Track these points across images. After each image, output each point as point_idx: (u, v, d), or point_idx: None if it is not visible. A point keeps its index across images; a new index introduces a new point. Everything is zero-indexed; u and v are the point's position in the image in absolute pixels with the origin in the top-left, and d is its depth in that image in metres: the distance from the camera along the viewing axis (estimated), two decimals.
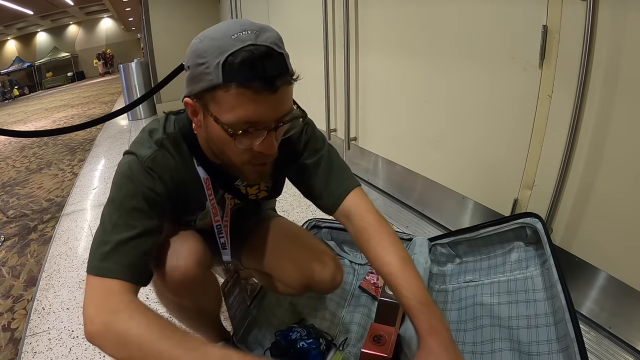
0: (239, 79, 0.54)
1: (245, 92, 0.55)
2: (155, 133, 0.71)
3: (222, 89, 0.55)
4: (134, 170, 0.66)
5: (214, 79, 0.55)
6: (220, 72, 0.54)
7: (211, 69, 0.55)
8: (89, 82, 14.51)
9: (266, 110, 0.58)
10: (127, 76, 4.53)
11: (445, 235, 1.23)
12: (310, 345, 0.92)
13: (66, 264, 1.67)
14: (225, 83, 0.55)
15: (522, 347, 0.87)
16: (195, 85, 0.58)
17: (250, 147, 0.61)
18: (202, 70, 0.56)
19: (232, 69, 0.54)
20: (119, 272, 0.59)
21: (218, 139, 0.62)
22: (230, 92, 0.55)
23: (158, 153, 0.68)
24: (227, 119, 0.58)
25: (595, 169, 0.99)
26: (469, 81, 1.35)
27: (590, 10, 0.90)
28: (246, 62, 0.53)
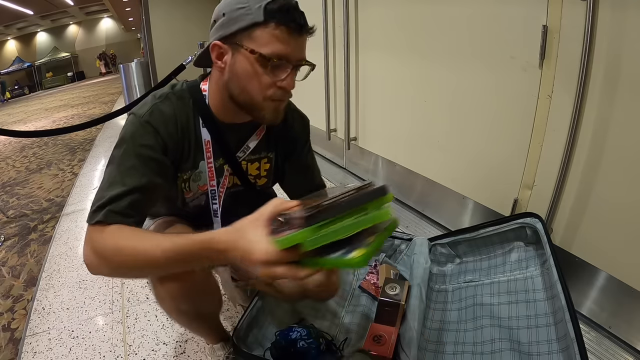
0: (278, 18, 0.66)
1: (282, 29, 0.66)
2: (158, 93, 0.77)
3: (261, 26, 0.66)
4: (130, 129, 0.72)
5: (255, 17, 0.65)
6: (262, 12, 0.65)
7: (252, 10, 0.65)
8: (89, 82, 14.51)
9: (294, 48, 0.69)
10: (127, 76, 4.53)
11: (445, 235, 1.23)
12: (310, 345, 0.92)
13: (66, 264, 1.67)
14: (266, 21, 0.66)
15: (522, 347, 0.87)
16: (231, 27, 0.68)
17: (274, 82, 0.70)
18: (242, 12, 0.66)
19: (272, 10, 0.65)
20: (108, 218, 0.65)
21: (245, 74, 0.70)
22: (268, 29, 0.66)
23: (158, 105, 0.74)
24: (262, 51, 0.67)
25: (595, 169, 0.99)
26: (469, 81, 1.35)
27: (590, 10, 0.90)
28: (284, 7, 0.66)
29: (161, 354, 1.12)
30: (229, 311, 1.27)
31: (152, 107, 0.73)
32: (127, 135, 0.71)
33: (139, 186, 0.68)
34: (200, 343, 1.14)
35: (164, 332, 1.21)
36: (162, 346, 1.15)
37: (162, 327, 1.23)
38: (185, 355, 1.11)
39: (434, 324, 1.04)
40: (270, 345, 0.96)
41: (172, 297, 0.76)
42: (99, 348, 1.17)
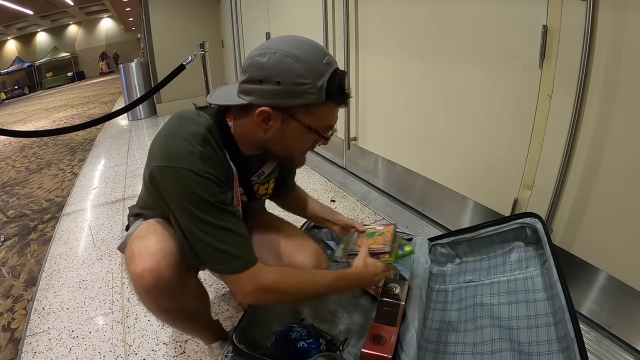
0: (336, 98, 0.72)
1: (337, 106, 0.74)
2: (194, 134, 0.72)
3: (321, 104, 0.71)
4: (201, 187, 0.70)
5: (318, 98, 0.69)
6: (324, 92, 0.69)
7: (314, 89, 0.68)
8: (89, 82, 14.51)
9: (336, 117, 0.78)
10: (127, 76, 4.53)
11: (445, 235, 1.23)
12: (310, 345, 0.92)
13: (66, 264, 1.67)
14: (327, 101, 0.70)
15: (522, 347, 0.87)
16: (291, 100, 0.69)
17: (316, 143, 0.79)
18: (304, 90, 0.68)
19: (332, 90, 0.70)
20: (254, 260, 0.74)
21: (293, 140, 0.76)
22: (328, 107, 0.72)
23: (204, 153, 0.71)
24: (317, 125, 0.74)
25: (595, 169, 0.99)
26: (469, 81, 1.35)
27: (590, 10, 0.90)
28: (342, 87, 0.72)
29: (161, 354, 1.12)
30: (229, 311, 1.27)
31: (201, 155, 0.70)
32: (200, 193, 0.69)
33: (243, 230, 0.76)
34: (200, 343, 1.14)
35: (164, 332, 1.21)
36: (162, 346, 1.15)
37: (162, 327, 1.23)
38: (185, 355, 1.11)
39: (434, 324, 1.04)
40: (270, 345, 0.96)
41: (149, 295, 0.76)
42: (99, 348, 1.17)
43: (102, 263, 1.64)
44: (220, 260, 0.72)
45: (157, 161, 0.71)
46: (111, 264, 1.63)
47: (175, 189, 0.70)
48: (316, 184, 2.21)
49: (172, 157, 0.70)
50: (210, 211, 0.70)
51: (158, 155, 0.72)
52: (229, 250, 0.72)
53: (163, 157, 0.71)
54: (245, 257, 0.73)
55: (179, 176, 0.69)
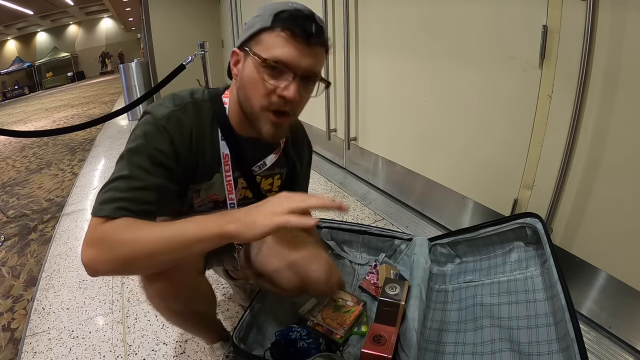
0: (284, 24, 0.66)
1: (284, 34, 0.66)
2: (178, 97, 0.76)
3: (267, 31, 0.67)
4: (146, 129, 0.71)
5: (265, 22, 0.67)
6: (271, 19, 0.66)
7: (264, 17, 0.67)
8: (89, 82, 14.51)
9: (297, 55, 0.67)
10: (127, 76, 4.53)
11: (445, 235, 1.23)
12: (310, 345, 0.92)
13: (66, 264, 1.67)
14: (272, 26, 0.66)
15: (522, 347, 0.87)
16: (246, 33, 0.70)
17: (275, 88, 0.68)
18: (256, 20, 0.68)
19: (281, 18, 0.66)
20: (115, 213, 0.63)
21: (249, 79, 0.70)
22: (272, 34, 0.67)
23: (176, 113, 0.73)
24: (266, 55, 0.67)
25: (595, 169, 0.99)
26: (469, 81, 1.35)
27: (590, 10, 0.90)
28: (293, 15, 0.66)
29: (161, 354, 1.12)
30: (229, 311, 1.27)
31: (171, 113, 0.72)
32: (141, 135, 0.70)
33: (148, 185, 0.68)
34: (200, 343, 1.14)
35: (164, 332, 1.21)
36: (162, 346, 1.15)
37: (162, 327, 1.23)
38: (185, 355, 1.11)
39: (434, 324, 1.04)
40: (270, 345, 0.96)
41: (161, 296, 0.76)
42: (99, 348, 1.17)
43: None
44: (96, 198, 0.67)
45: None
46: None
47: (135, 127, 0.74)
48: (316, 184, 2.21)
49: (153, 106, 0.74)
50: (134, 149, 0.69)
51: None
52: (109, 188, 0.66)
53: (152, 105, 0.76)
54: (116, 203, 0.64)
55: (141, 118, 0.74)
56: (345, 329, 1.01)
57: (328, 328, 1.01)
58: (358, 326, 1.05)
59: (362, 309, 1.07)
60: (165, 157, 0.70)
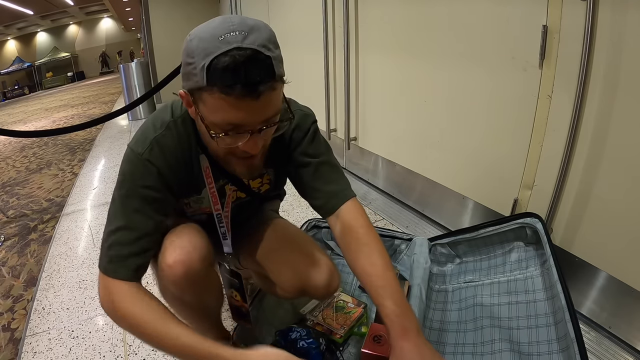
0: (221, 84, 0.55)
1: (227, 97, 0.56)
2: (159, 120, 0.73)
3: (206, 91, 0.57)
4: (130, 168, 0.70)
5: (200, 81, 0.56)
6: (205, 75, 0.55)
7: (197, 70, 0.56)
8: (89, 82, 14.51)
9: (248, 115, 0.59)
10: (127, 76, 4.53)
11: (445, 235, 1.23)
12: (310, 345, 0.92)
13: (66, 264, 1.67)
14: (209, 86, 0.56)
15: (522, 347, 0.87)
16: (186, 83, 0.61)
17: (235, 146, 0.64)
18: (190, 70, 0.58)
19: (215, 73, 0.55)
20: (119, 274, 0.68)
21: (204, 133, 0.66)
22: (213, 96, 0.56)
23: (158, 139, 0.70)
24: (212, 119, 0.60)
25: (595, 169, 0.99)
26: (469, 81, 1.34)
27: (590, 10, 0.90)
28: (229, 68, 0.54)
29: (161, 354, 1.12)
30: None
31: (152, 142, 0.70)
32: (128, 175, 0.70)
33: (148, 230, 0.70)
34: None
35: None
36: None
37: None
38: None
39: (434, 324, 1.04)
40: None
41: (177, 285, 0.76)
42: (99, 348, 1.17)
43: None
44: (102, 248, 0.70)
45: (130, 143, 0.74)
46: None
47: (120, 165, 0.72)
48: None
49: (135, 140, 0.72)
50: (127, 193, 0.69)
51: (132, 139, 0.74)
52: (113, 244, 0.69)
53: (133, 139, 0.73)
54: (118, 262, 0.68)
55: (126, 155, 0.72)
56: (346, 329, 1.01)
57: (328, 328, 1.01)
58: (358, 326, 1.05)
59: (363, 310, 1.07)
60: (155, 191, 0.70)
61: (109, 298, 0.69)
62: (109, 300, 0.69)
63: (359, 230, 0.77)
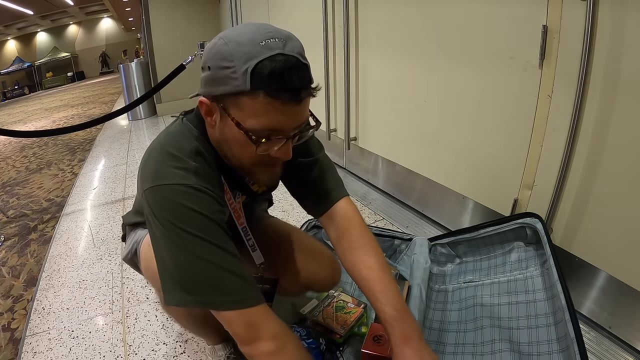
0: (267, 88, 0.54)
1: (273, 102, 0.55)
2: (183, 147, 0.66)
3: (248, 95, 0.55)
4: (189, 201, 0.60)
5: (241, 85, 0.55)
6: (249, 79, 0.54)
7: (238, 74, 0.54)
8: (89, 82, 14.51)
9: (289, 120, 0.59)
10: (127, 76, 4.53)
11: (445, 235, 1.23)
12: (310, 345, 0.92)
13: (66, 264, 1.67)
14: (253, 91, 0.55)
15: (522, 347, 0.87)
16: (216, 88, 0.58)
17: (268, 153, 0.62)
18: (227, 74, 0.56)
19: (261, 78, 0.54)
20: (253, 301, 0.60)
21: (235, 141, 0.62)
22: (257, 100, 0.55)
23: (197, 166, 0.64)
24: (250, 124, 0.58)
25: (595, 169, 0.99)
26: (469, 81, 1.35)
27: (590, 10, 0.90)
28: (275, 73, 0.54)
29: (161, 354, 1.12)
30: None
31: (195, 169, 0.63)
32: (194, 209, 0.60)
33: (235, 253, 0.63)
34: (200, 343, 1.14)
35: (164, 332, 1.21)
36: (162, 346, 1.15)
37: (162, 327, 1.23)
38: (185, 355, 1.11)
39: (434, 324, 1.04)
40: None
41: None
42: (99, 348, 1.17)
43: (102, 263, 1.64)
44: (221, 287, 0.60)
45: (148, 183, 0.62)
46: (111, 264, 1.63)
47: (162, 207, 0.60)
48: None
49: (163, 177, 0.62)
50: (206, 228, 0.60)
51: (149, 178, 0.63)
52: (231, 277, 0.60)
53: (154, 178, 0.62)
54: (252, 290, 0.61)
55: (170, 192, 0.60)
56: (346, 329, 1.01)
57: (328, 328, 1.01)
58: (358, 326, 1.05)
59: (363, 310, 1.07)
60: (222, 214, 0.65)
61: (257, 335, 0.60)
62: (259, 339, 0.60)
63: (352, 232, 0.76)
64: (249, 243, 0.86)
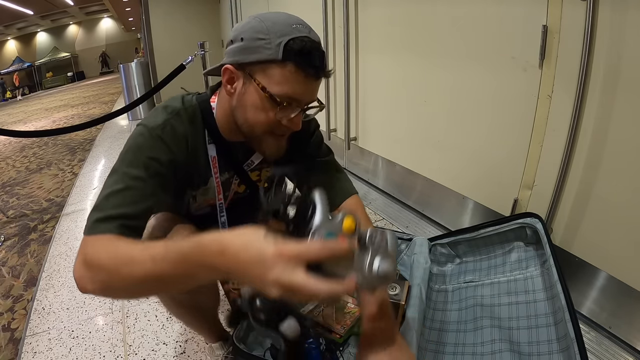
0: (297, 60, 0.64)
1: (299, 72, 0.65)
2: (170, 107, 0.74)
3: (277, 64, 0.64)
4: (140, 140, 0.69)
5: (273, 54, 0.63)
6: (281, 50, 0.63)
7: (272, 45, 0.63)
8: (89, 82, 14.51)
9: (306, 92, 0.69)
10: (127, 76, 4.53)
11: (445, 235, 1.23)
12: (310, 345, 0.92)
13: (66, 264, 1.67)
14: (283, 61, 0.64)
15: (522, 347, 0.87)
16: (247, 56, 0.66)
17: (280, 120, 0.69)
18: (262, 45, 0.64)
19: (292, 50, 0.63)
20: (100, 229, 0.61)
21: (253, 105, 0.69)
22: (285, 69, 0.64)
23: (171, 121, 0.71)
24: (274, 90, 0.66)
25: (595, 169, 0.99)
26: (469, 81, 1.34)
27: (590, 10, 0.90)
28: (305, 50, 0.64)
29: (161, 354, 1.12)
30: (229, 311, 1.27)
31: (165, 122, 0.71)
32: (135, 146, 0.69)
33: (144, 199, 0.65)
34: (200, 343, 1.14)
35: (164, 332, 1.21)
36: (162, 346, 1.15)
37: (162, 327, 1.23)
38: (185, 355, 1.11)
39: (434, 324, 1.04)
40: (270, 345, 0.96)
41: None
42: (99, 348, 1.17)
43: None
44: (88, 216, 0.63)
45: None
46: None
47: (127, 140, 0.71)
48: None
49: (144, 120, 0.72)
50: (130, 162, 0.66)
51: None
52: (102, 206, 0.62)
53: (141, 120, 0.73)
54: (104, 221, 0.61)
55: (135, 131, 0.71)
56: (346, 329, 1.01)
57: (328, 328, 1.01)
58: (358, 326, 1.05)
59: None
60: (161, 166, 0.68)
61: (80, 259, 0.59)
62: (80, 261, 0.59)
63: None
64: (221, 220, 0.87)
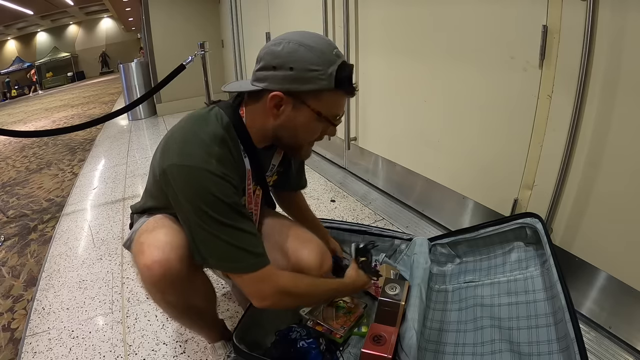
0: (344, 87, 0.76)
1: (345, 96, 0.79)
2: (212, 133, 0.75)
3: (330, 91, 0.75)
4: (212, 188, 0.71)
5: (327, 84, 0.73)
6: (334, 80, 0.73)
7: (325, 76, 0.72)
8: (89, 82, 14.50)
9: (344, 108, 0.83)
10: (127, 76, 4.53)
11: (445, 235, 1.23)
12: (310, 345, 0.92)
13: (66, 264, 1.67)
14: (336, 88, 0.74)
15: (522, 347, 0.87)
16: (301, 86, 0.73)
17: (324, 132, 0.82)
18: (315, 76, 0.72)
19: (341, 79, 0.74)
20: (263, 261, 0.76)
21: (303, 126, 0.78)
22: (337, 95, 0.76)
23: (221, 152, 0.74)
24: (328, 113, 0.78)
25: (595, 169, 0.99)
26: (469, 81, 1.35)
27: (590, 10, 0.90)
28: (348, 76, 0.75)
29: (161, 354, 1.12)
30: (229, 311, 1.27)
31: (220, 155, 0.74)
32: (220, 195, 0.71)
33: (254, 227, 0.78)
34: (200, 343, 1.14)
35: (164, 332, 1.21)
36: (162, 346, 1.15)
37: (162, 327, 1.23)
38: (185, 355, 1.11)
39: (434, 324, 1.04)
40: (270, 345, 0.97)
41: (157, 287, 0.76)
42: (99, 348, 1.17)
43: (102, 263, 1.64)
44: (237, 258, 0.73)
45: (173, 159, 0.72)
46: (111, 264, 1.63)
47: (190, 189, 0.71)
48: (316, 184, 2.21)
49: (189, 156, 0.72)
50: (226, 213, 0.72)
51: (175, 153, 0.73)
52: (246, 249, 0.74)
53: (180, 155, 0.72)
54: (262, 255, 0.76)
55: (195, 175, 0.71)
56: (346, 329, 1.01)
57: (328, 328, 1.01)
58: (358, 327, 1.05)
59: (363, 311, 1.07)
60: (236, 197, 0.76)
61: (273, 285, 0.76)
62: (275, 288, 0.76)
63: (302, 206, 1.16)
64: None
